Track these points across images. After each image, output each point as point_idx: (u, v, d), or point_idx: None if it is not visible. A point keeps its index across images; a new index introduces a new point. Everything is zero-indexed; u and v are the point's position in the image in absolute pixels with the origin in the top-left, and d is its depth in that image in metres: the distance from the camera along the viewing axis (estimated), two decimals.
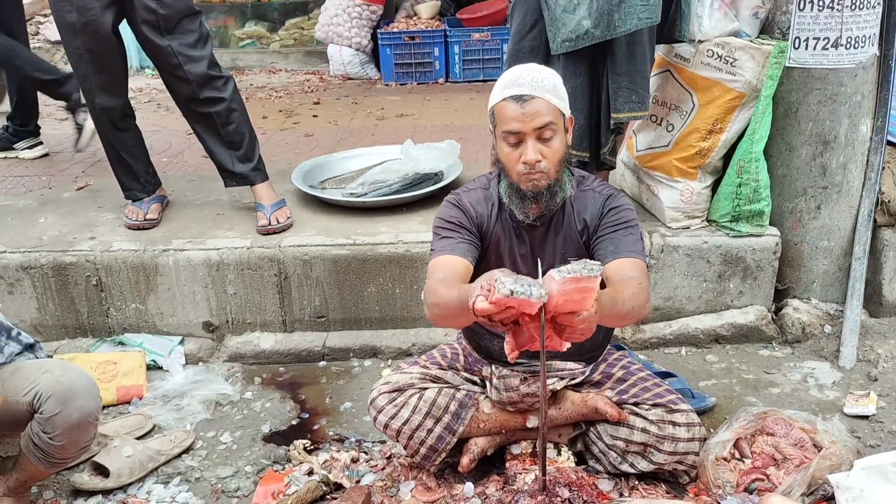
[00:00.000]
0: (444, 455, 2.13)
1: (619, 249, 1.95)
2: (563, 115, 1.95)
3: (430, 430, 2.10)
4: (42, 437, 1.91)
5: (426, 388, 2.14)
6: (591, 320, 1.57)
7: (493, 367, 2.18)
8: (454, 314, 1.80)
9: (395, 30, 5.91)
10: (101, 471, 2.24)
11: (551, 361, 2.18)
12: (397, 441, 2.15)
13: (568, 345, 1.62)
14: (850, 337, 2.74)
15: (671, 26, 2.68)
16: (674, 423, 2.05)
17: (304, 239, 2.91)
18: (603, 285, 1.85)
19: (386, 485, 2.18)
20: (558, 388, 2.15)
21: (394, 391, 2.13)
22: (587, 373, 2.19)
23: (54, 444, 1.91)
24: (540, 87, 1.89)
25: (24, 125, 3.98)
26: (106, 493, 2.21)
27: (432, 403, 2.11)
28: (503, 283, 1.49)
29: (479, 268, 2.07)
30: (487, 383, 2.18)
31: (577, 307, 1.53)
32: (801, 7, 2.61)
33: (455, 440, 2.12)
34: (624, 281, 1.85)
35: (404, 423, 2.09)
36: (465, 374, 2.23)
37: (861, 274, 2.81)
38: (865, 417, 2.41)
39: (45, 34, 6.84)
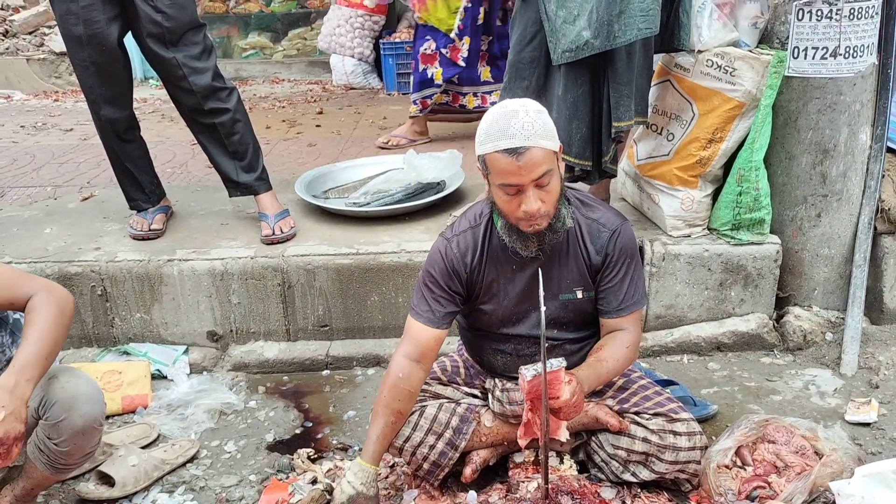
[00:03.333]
0: (447, 470, 2.14)
1: (620, 306, 2.07)
2: (556, 151, 1.89)
3: (431, 447, 2.11)
4: (47, 444, 1.92)
5: (426, 406, 2.15)
6: (573, 400, 1.84)
7: (496, 380, 2.19)
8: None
9: (397, 40, 5.94)
10: (107, 480, 2.25)
11: None
12: (400, 458, 2.16)
13: (566, 433, 1.95)
14: (852, 344, 2.74)
15: (670, 35, 2.70)
16: (674, 433, 2.05)
17: (307, 248, 2.93)
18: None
19: (389, 493, 2.19)
20: None
21: None
22: None
23: (60, 449, 1.93)
24: (532, 134, 1.82)
25: None
26: (111, 502, 2.22)
27: (433, 420, 2.12)
28: (526, 369, 1.81)
29: (474, 309, 2.15)
30: (490, 395, 2.19)
31: (552, 393, 1.82)
32: (800, 17, 2.63)
33: (457, 455, 2.13)
34: (608, 347, 2.05)
35: (406, 441, 2.10)
36: (466, 389, 2.24)
37: (862, 281, 2.82)
38: (867, 425, 2.42)
39: (50, 46, 6.89)
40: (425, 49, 4.03)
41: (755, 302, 2.91)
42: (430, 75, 4.05)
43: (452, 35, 3.93)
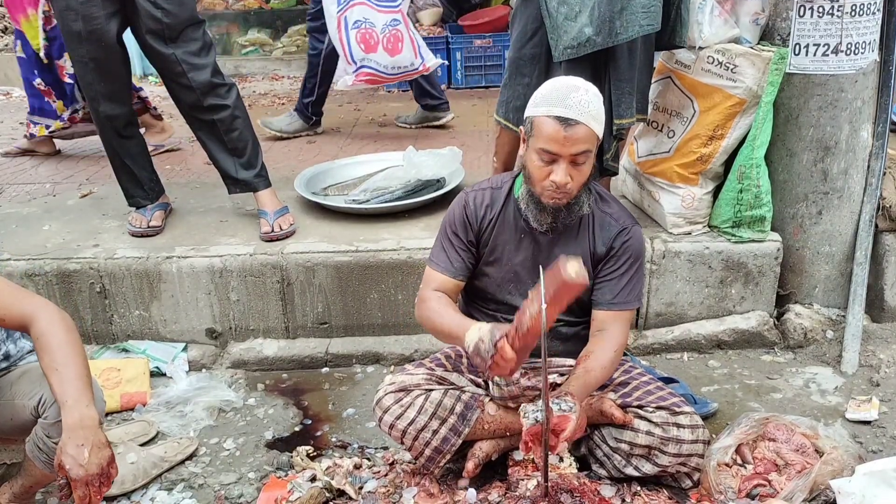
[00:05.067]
0: (448, 457, 2.13)
1: (614, 300, 2.12)
2: (598, 138, 1.99)
3: (435, 432, 2.10)
4: (46, 442, 1.91)
5: (432, 390, 2.14)
6: (575, 426, 1.87)
7: None
8: (440, 336, 2.11)
9: None
10: None
11: (551, 358, 2.20)
12: (402, 442, 2.15)
13: (568, 457, 2.04)
14: (852, 342, 2.74)
15: (671, 33, 2.69)
16: (678, 425, 2.05)
17: (306, 246, 2.92)
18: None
19: (388, 491, 2.18)
20: (558, 382, 2.16)
21: (400, 391, 2.14)
22: None
23: None
24: (586, 112, 1.92)
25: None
26: (110, 499, 2.21)
27: (438, 404, 2.11)
28: (526, 410, 1.89)
29: (478, 272, 2.21)
30: (489, 381, 2.19)
31: (558, 429, 1.87)
32: (801, 13, 2.63)
33: (460, 442, 2.13)
34: (595, 354, 2.07)
35: (410, 424, 2.10)
36: (470, 377, 2.25)
37: (863, 279, 2.82)
38: (867, 423, 2.42)
39: None
40: (39, 83, 3.95)
41: (756, 299, 2.91)
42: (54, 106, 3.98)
43: (41, 55, 3.83)
